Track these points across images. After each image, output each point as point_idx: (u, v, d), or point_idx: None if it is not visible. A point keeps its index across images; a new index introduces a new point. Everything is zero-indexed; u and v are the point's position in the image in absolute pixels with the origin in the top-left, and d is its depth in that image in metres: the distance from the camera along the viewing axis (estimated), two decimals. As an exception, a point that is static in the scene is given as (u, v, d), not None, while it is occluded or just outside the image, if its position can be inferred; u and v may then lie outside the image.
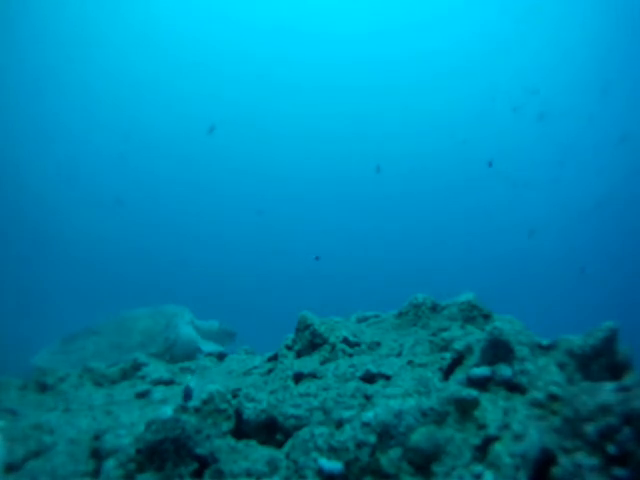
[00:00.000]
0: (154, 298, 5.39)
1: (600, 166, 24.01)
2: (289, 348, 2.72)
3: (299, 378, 2.37)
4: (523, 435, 1.63)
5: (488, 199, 26.92)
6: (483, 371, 1.98)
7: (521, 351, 1.98)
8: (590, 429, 1.56)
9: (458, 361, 2.22)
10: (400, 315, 2.92)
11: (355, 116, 28.89)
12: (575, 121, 24.26)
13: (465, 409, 1.82)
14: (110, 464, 1.96)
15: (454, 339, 2.38)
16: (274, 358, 2.93)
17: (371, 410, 1.88)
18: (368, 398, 2.04)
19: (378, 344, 2.62)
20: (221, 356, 3.88)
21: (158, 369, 3.36)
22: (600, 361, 1.98)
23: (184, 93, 28.20)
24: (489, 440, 1.68)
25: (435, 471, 1.66)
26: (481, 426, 1.75)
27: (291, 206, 29.74)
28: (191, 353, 4.05)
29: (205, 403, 2.15)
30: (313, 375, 2.34)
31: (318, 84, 28.70)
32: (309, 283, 24.89)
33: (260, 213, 25.84)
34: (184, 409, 2.12)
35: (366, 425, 1.82)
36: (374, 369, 2.27)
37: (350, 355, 2.52)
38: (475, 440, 1.71)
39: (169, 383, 3.17)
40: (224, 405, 2.18)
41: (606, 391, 1.64)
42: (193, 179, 29.88)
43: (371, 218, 28.54)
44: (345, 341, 2.59)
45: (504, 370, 1.95)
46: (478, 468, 1.60)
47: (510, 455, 1.58)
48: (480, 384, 1.95)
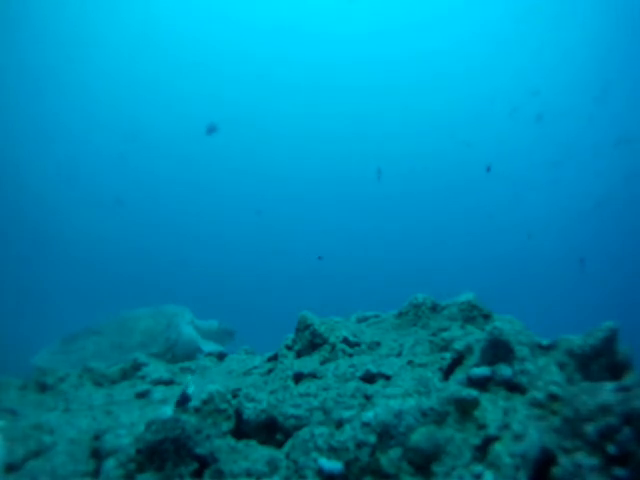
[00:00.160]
0: (154, 298, 5.39)
1: (600, 166, 24.00)
2: (289, 348, 2.72)
3: (299, 378, 2.36)
4: (523, 435, 1.63)
5: (488, 199, 26.93)
6: (483, 371, 1.98)
7: (521, 351, 1.98)
8: (590, 429, 1.56)
9: (458, 361, 2.22)
10: (400, 315, 2.92)
11: (355, 116, 28.88)
12: (575, 122, 24.26)
13: (465, 409, 1.82)
14: (110, 464, 1.96)
15: (454, 339, 2.38)
16: (274, 358, 2.93)
17: (371, 410, 1.88)
18: (368, 398, 2.04)
19: (378, 344, 2.62)
20: (221, 356, 3.88)
21: (158, 369, 3.36)
22: (600, 361, 1.98)
23: (184, 93, 28.20)
24: (489, 440, 1.68)
25: (435, 471, 1.66)
26: (481, 426, 1.75)
27: (291, 206, 29.74)
28: (192, 353, 4.05)
29: (205, 403, 2.15)
30: (313, 375, 2.34)
31: (318, 84, 28.69)
32: (309, 283, 24.89)
33: (259, 213, 25.83)
34: (184, 409, 2.12)
35: (366, 425, 1.81)
36: (374, 369, 2.27)
37: (350, 355, 2.52)
38: (475, 440, 1.71)
39: (169, 383, 3.17)
40: (224, 405, 2.18)
41: (606, 391, 1.64)
42: (193, 179, 29.88)
43: (371, 218, 28.55)
44: (345, 341, 2.59)
45: (504, 370, 1.95)
46: (478, 468, 1.60)
47: (510, 455, 1.58)
48: (480, 384, 1.95)
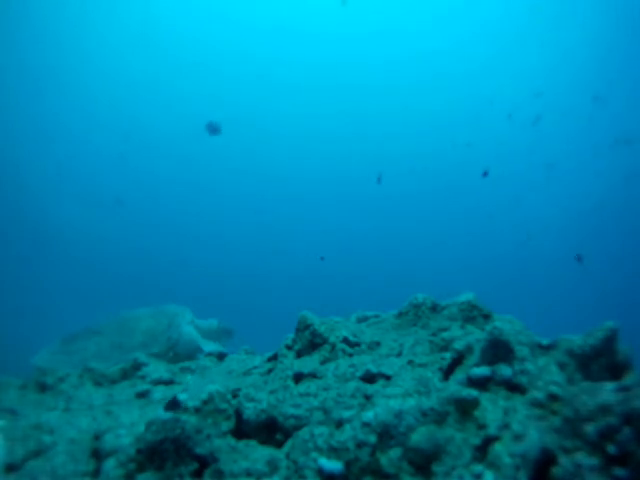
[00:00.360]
0: (154, 298, 5.39)
1: (600, 166, 24.02)
2: (289, 348, 2.72)
3: (299, 378, 2.36)
4: (523, 435, 1.63)
5: (488, 199, 26.93)
6: (483, 371, 1.97)
7: (521, 351, 1.98)
8: (590, 429, 1.56)
9: (458, 361, 2.21)
10: (400, 315, 2.91)
11: (355, 116, 28.88)
12: (575, 122, 24.27)
13: (465, 409, 1.81)
14: (110, 464, 1.96)
15: (454, 339, 2.38)
16: (274, 358, 2.92)
17: (371, 410, 1.88)
18: (368, 398, 2.03)
19: (378, 344, 2.62)
20: (221, 356, 3.88)
21: (158, 369, 3.36)
22: (600, 361, 1.98)
23: (184, 93, 28.19)
24: (489, 440, 1.68)
25: (435, 471, 1.66)
26: (481, 426, 1.75)
27: (291, 206, 29.75)
28: (192, 353, 4.05)
29: (205, 403, 2.15)
30: (313, 375, 2.34)
31: (318, 84, 28.68)
32: (309, 283, 24.91)
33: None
34: (184, 409, 2.11)
35: (366, 425, 1.81)
36: (374, 369, 2.27)
37: (350, 355, 2.51)
38: (475, 440, 1.71)
39: (169, 383, 3.17)
40: (224, 405, 2.18)
41: (606, 391, 1.64)
42: (193, 179, 29.88)
43: (371, 218, 28.56)
44: (345, 341, 2.58)
45: (504, 370, 1.95)
46: (478, 468, 1.60)
47: (510, 455, 1.58)
48: (480, 384, 1.94)
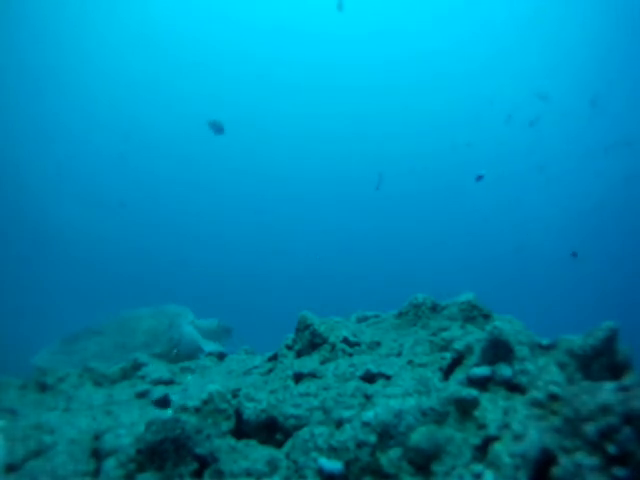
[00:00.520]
0: (154, 298, 5.40)
1: (600, 167, 24.02)
2: (289, 348, 2.72)
3: (299, 378, 2.36)
4: (523, 435, 1.63)
5: (488, 199, 26.93)
6: (483, 371, 1.97)
7: (521, 351, 1.98)
8: (590, 429, 1.56)
9: (458, 361, 2.21)
10: (400, 315, 2.91)
11: (355, 116, 28.89)
12: (574, 123, 24.29)
13: (465, 409, 1.81)
14: (110, 464, 1.96)
15: (454, 339, 2.38)
16: (274, 358, 2.93)
17: (371, 410, 1.88)
18: (368, 398, 2.03)
19: (378, 344, 2.62)
20: (221, 356, 3.88)
21: (158, 369, 3.35)
22: (600, 361, 1.98)
23: (184, 93, 28.20)
24: (489, 440, 1.68)
25: (435, 471, 1.66)
26: (481, 426, 1.75)
27: (291, 206, 29.75)
28: (193, 353, 4.05)
29: (205, 403, 2.15)
30: (313, 375, 2.34)
31: (318, 84, 28.69)
32: (309, 283, 24.92)
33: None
34: (184, 409, 2.11)
35: (366, 425, 1.81)
36: (374, 369, 2.27)
37: (350, 355, 2.51)
38: (475, 440, 1.71)
39: (169, 383, 3.16)
40: (224, 405, 2.18)
41: (606, 391, 1.64)
42: (193, 179, 29.89)
43: (371, 218, 28.56)
44: (345, 341, 2.58)
45: (504, 370, 1.94)
46: (478, 468, 1.60)
47: (510, 455, 1.58)
48: (480, 384, 1.94)
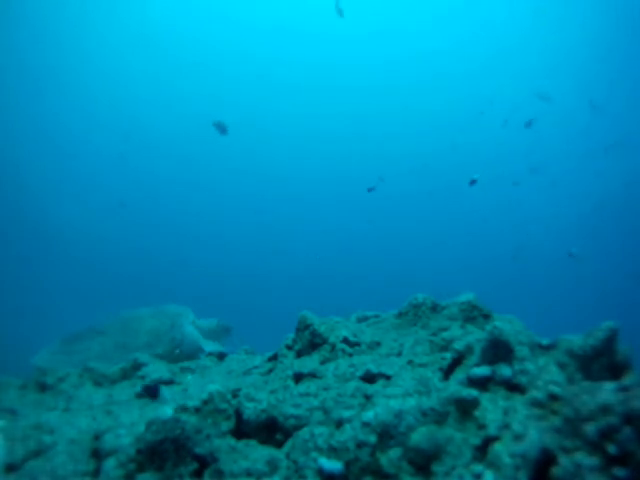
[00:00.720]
0: (154, 298, 5.40)
1: (600, 168, 24.03)
2: (289, 348, 2.72)
3: (299, 378, 2.36)
4: (523, 435, 1.63)
5: (488, 199, 26.93)
6: (483, 371, 1.97)
7: (521, 351, 1.98)
8: (590, 429, 1.56)
9: (458, 361, 2.21)
10: (400, 315, 2.91)
11: (355, 116, 28.89)
12: (574, 124, 24.30)
13: (465, 409, 1.81)
14: (110, 464, 1.96)
15: (454, 339, 2.38)
16: (274, 358, 2.93)
17: (371, 410, 1.88)
18: (368, 398, 2.03)
19: (378, 344, 2.61)
20: (221, 356, 3.88)
21: (158, 369, 3.35)
22: (600, 361, 1.97)
23: (184, 93, 28.21)
24: (489, 440, 1.68)
25: (435, 471, 1.65)
26: (481, 426, 1.74)
27: (291, 206, 29.75)
28: (194, 353, 4.05)
29: (205, 403, 2.15)
30: (313, 375, 2.34)
31: (318, 84, 28.70)
32: (309, 283, 24.91)
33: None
34: (183, 409, 2.11)
35: (366, 425, 1.81)
36: (374, 369, 2.26)
37: (350, 355, 2.51)
38: (475, 440, 1.70)
39: (169, 383, 3.16)
40: (224, 405, 2.18)
41: (606, 391, 1.64)
42: (193, 179, 29.89)
43: (371, 218, 28.56)
44: (345, 341, 2.58)
45: (504, 370, 1.94)
46: (478, 468, 1.60)
47: (510, 455, 1.58)
48: (480, 384, 1.94)
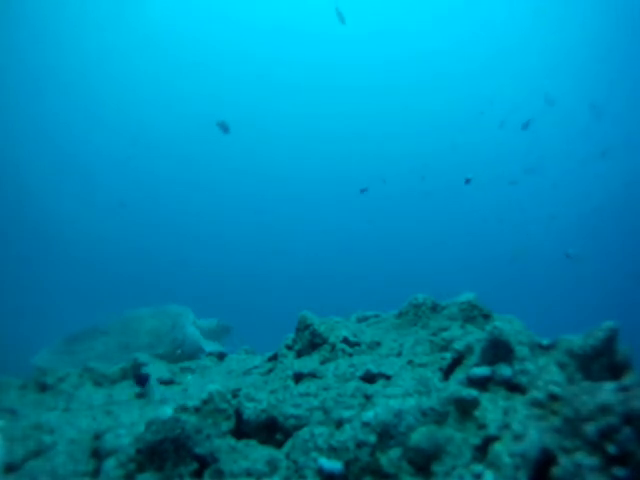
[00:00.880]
0: (154, 298, 5.40)
1: (600, 169, 24.03)
2: (289, 348, 2.72)
3: (299, 378, 2.36)
4: (523, 435, 1.63)
5: (488, 200, 26.93)
6: (483, 371, 1.97)
7: (521, 351, 1.98)
8: (590, 429, 1.56)
9: (458, 361, 2.21)
10: (400, 315, 2.91)
11: (355, 116, 28.89)
12: (574, 126, 24.31)
13: (465, 409, 1.81)
14: (110, 464, 1.96)
15: (454, 339, 2.38)
16: (274, 358, 2.92)
17: (371, 410, 1.88)
18: (368, 398, 2.03)
19: (378, 344, 2.61)
20: (221, 356, 3.88)
21: (158, 369, 3.35)
22: (600, 361, 1.97)
23: (184, 93, 28.22)
24: (489, 440, 1.68)
25: (435, 471, 1.65)
26: (481, 426, 1.74)
27: (291, 206, 29.75)
28: (195, 353, 4.05)
29: (205, 403, 2.15)
30: (313, 375, 2.34)
31: (318, 84, 28.70)
32: (309, 283, 24.92)
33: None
34: (183, 409, 2.11)
35: (366, 425, 1.81)
36: (374, 369, 2.26)
37: (350, 355, 2.51)
38: (475, 440, 1.70)
39: (169, 383, 3.16)
40: (224, 405, 2.17)
41: (606, 391, 1.64)
42: (193, 179, 29.90)
43: (371, 218, 28.56)
44: (345, 341, 2.58)
45: (504, 370, 1.94)
46: (478, 468, 1.60)
47: (510, 455, 1.58)
48: (480, 384, 1.94)
